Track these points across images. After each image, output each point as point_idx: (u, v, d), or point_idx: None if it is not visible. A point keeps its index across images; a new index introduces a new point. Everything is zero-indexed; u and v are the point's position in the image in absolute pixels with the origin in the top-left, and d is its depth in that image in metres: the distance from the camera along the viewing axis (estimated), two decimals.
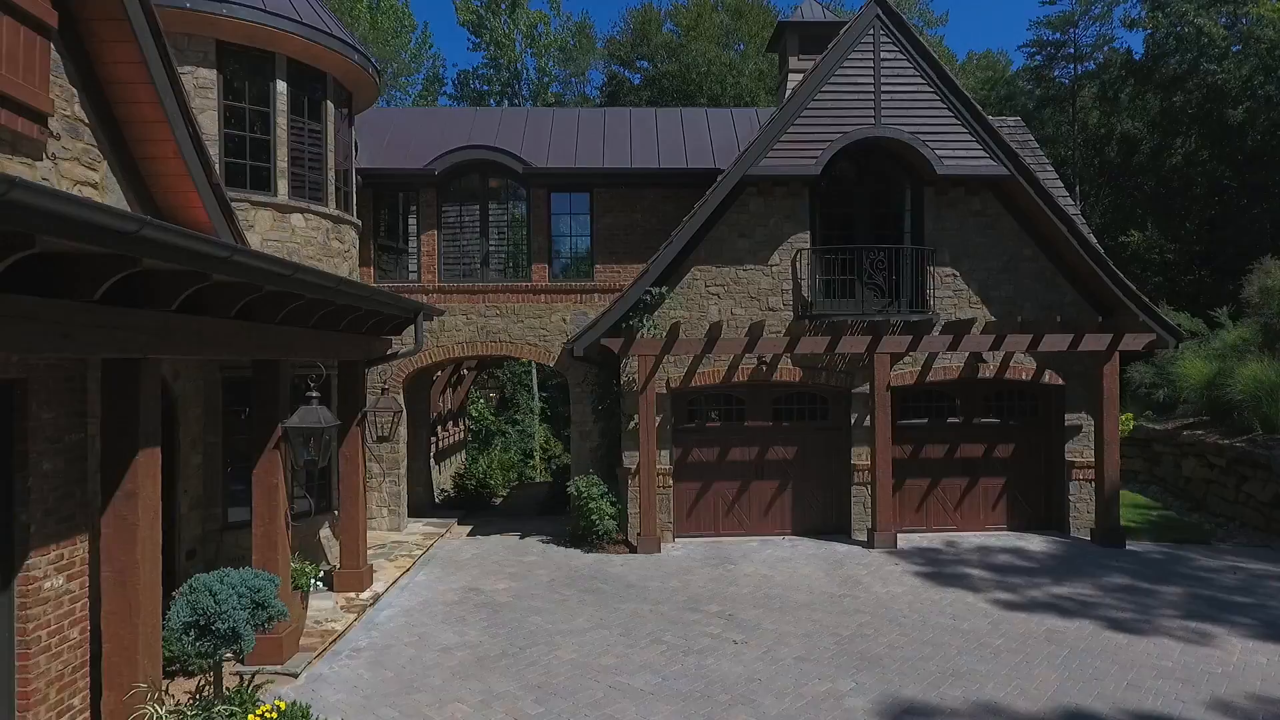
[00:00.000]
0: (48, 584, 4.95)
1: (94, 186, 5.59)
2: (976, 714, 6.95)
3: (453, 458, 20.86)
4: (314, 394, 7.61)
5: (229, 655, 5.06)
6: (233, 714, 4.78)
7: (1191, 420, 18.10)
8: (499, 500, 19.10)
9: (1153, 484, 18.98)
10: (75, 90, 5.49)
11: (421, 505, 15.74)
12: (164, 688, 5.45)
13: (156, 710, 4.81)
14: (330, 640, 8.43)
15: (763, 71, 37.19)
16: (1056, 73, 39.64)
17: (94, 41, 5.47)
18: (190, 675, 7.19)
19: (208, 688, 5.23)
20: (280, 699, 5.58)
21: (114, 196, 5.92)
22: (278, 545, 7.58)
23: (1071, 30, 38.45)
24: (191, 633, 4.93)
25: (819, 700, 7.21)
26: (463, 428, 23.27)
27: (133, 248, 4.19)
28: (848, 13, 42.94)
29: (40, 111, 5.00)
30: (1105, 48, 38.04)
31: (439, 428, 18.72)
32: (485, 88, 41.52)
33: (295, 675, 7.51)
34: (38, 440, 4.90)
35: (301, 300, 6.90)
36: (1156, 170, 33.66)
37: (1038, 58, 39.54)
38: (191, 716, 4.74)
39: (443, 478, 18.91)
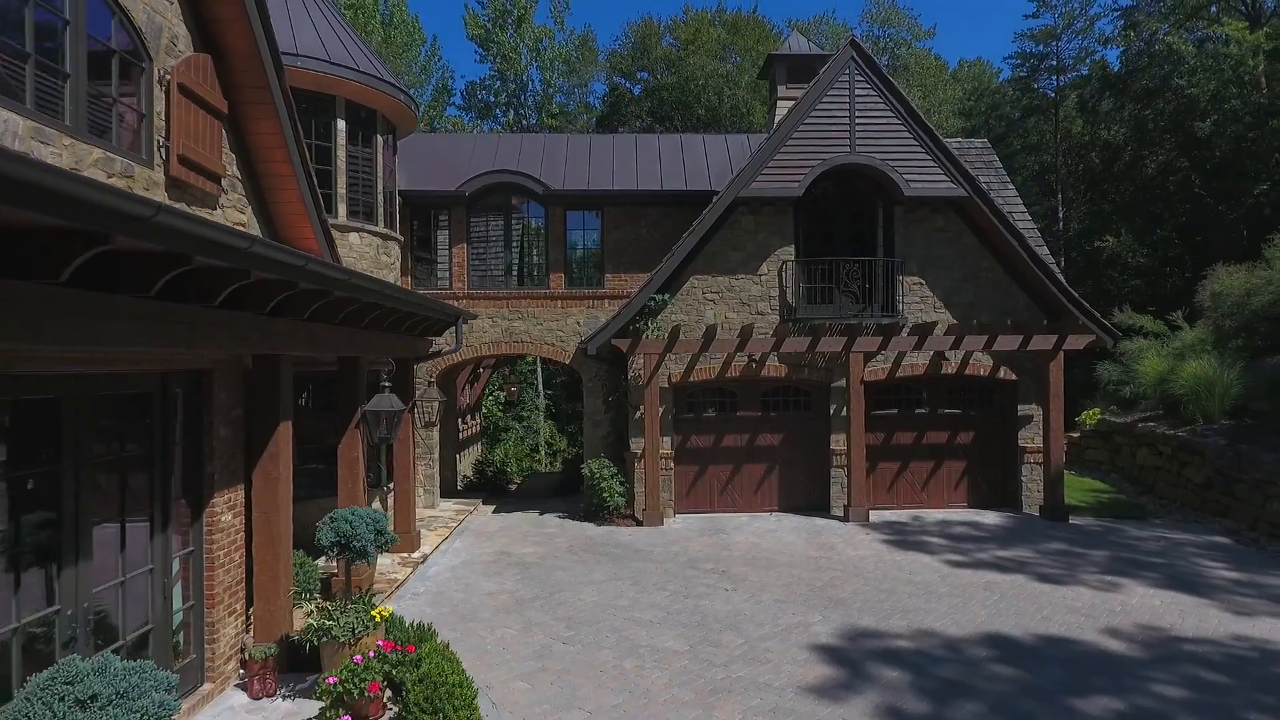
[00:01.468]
0: (223, 518, 6.77)
1: (244, 226, 7.43)
2: (915, 637, 8.81)
3: (470, 449, 22.67)
4: (386, 384, 9.45)
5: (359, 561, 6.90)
6: (359, 610, 6.61)
7: (1148, 414, 19.85)
8: (514, 486, 20.92)
9: (1113, 472, 20.70)
10: (234, 155, 7.32)
11: (449, 488, 17.60)
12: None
13: (307, 604, 6.66)
14: (395, 587, 10.29)
15: (758, 84, 39.00)
16: (1040, 84, 41.32)
17: (246, 119, 7.30)
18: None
19: (339, 594, 7.08)
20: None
21: (254, 230, 7.75)
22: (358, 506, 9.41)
23: (1054, 43, 40.18)
24: (335, 548, 6.76)
25: (791, 628, 9.07)
26: (479, 421, 25.08)
27: (299, 276, 6.02)
28: (839, 24, 44.81)
29: (217, 174, 6.83)
30: (1088, 60, 39.78)
31: (459, 421, 20.52)
32: (492, 98, 43.36)
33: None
34: (217, 414, 6.73)
35: (380, 309, 8.74)
36: (1134, 178, 35.43)
37: (1022, 69, 41.26)
38: (334, 609, 6.57)
39: (463, 466, 20.72)
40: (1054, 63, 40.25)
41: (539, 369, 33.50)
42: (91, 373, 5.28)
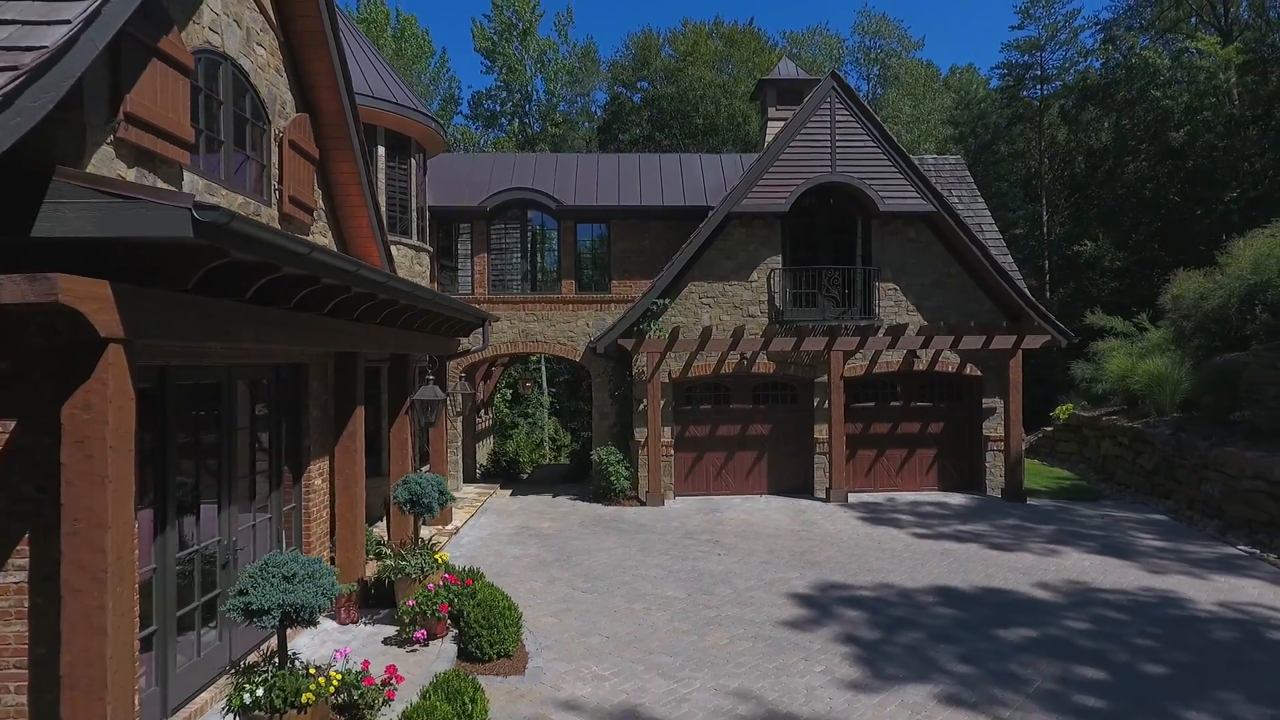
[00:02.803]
0: (315, 482, 8.48)
1: (327, 246, 9.15)
2: (876, 588, 10.53)
3: (484, 441, 24.37)
4: (430, 376, 11.16)
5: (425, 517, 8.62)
6: (424, 554, 8.32)
7: (1112, 409, 21.55)
8: (525, 475, 22.63)
9: (1081, 462, 22.38)
10: (320, 190, 9.04)
11: (469, 474, 19.31)
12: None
13: (385, 551, 8.37)
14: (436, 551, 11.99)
15: (753, 94, 40.64)
16: (1025, 93, 42.91)
17: (330, 162, 9.01)
18: None
19: (409, 540, 8.80)
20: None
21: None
22: None
23: (1038, 54, 41.82)
24: (408, 504, 8.47)
25: (773, 582, 10.80)
26: (491, 416, 26.79)
27: (379, 290, 7.73)
28: (831, 35, 46.33)
29: (311, 208, 8.54)
30: (1071, 70, 41.37)
31: (476, 414, 22.21)
32: (497, 107, 45.08)
33: None
34: (312, 399, 8.44)
35: (428, 314, 10.46)
36: (1113, 185, 37.06)
37: (1009, 79, 42.86)
38: (406, 553, 8.28)
39: (479, 456, 22.43)
40: (1038, 73, 41.94)
41: (543, 368, 35.19)
42: (236, 364, 7.00)
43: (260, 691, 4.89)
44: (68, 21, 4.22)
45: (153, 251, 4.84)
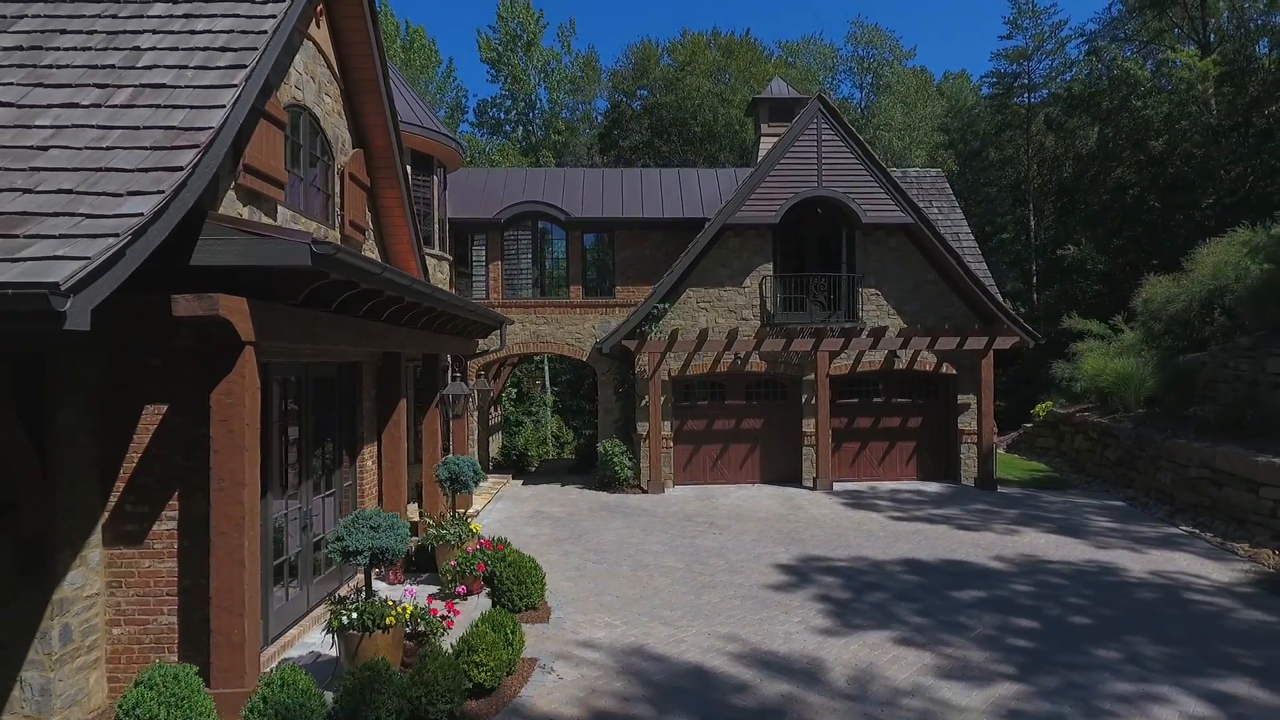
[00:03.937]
0: (367, 464, 9.90)
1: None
2: (851, 560, 11.96)
3: (494, 436, 25.77)
4: (457, 374, 12.60)
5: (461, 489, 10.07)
6: (461, 524, 9.75)
7: (1086, 406, 22.91)
8: (533, 468, 24.06)
9: (1057, 457, 23.71)
10: (370, 213, 10.48)
11: (482, 465, 20.72)
12: None
13: (427, 520, 9.80)
14: None
15: (748, 110, 42.00)
16: (1014, 100, 44.19)
17: (378, 188, 10.44)
18: None
19: (448, 514, 10.23)
20: None
21: None
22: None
23: (1026, 63, 43.17)
24: (448, 482, 9.89)
25: (761, 555, 12.23)
26: (500, 413, 28.19)
27: (424, 299, 9.16)
28: (826, 45, 47.57)
29: (364, 229, 9.96)
30: (1058, 79, 42.69)
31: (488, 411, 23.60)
32: (502, 115, 46.51)
33: None
34: (364, 392, 9.86)
35: (458, 319, 11.89)
36: (1098, 190, 38.39)
37: (997, 87, 44.19)
38: (447, 523, 9.72)
39: (490, 449, 23.83)
40: (1026, 81, 43.31)
41: (546, 369, 36.59)
42: (312, 362, 8.43)
43: (355, 615, 6.32)
44: (224, 106, 5.64)
45: (272, 274, 6.26)
